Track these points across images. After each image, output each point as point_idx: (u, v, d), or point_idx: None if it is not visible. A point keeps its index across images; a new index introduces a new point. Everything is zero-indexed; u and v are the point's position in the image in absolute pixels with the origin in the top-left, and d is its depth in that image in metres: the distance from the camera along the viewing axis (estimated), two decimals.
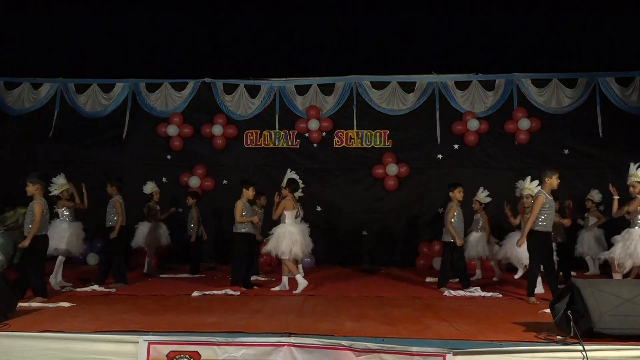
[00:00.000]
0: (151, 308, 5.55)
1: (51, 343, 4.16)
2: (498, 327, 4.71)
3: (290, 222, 6.93)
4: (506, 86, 10.28)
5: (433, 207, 10.25)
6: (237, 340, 4.13)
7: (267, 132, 10.70)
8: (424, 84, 10.45)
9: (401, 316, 5.21)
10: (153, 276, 8.37)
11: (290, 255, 6.82)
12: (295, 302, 6.02)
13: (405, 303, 6.04)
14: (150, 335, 4.23)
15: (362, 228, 10.43)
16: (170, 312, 5.30)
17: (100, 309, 5.44)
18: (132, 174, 10.48)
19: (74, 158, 10.57)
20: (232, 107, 10.74)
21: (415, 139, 10.48)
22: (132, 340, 4.13)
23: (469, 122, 10.10)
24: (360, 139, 10.55)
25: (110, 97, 10.79)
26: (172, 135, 10.59)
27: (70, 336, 4.23)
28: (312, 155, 10.63)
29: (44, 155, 10.59)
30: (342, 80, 10.61)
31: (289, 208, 6.90)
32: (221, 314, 5.20)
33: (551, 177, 6.11)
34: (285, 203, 6.94)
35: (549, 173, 6.14)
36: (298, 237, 6.85)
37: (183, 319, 4.91)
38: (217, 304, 5.88)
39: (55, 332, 4.30)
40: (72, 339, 4.20)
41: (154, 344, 4.07)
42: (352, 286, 7.46)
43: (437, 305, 5.92)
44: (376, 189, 10.50)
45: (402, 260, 10.20)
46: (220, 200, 10.62)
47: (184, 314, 5.16)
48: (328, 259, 10.14)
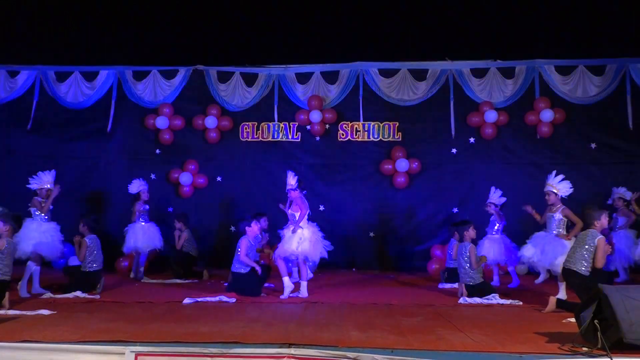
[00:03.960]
0: (139, 316, 5.56)
1: (30, 354, 4.18)
2: (518, 337, 4.70)
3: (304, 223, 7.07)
4: (527, 74, 10.25)
5: (447, 206, 10.24)
6: (232, 351, 4.13)
7: (265, 124, 10.69)
8: (437, 71, 10.42)
9: (412, 326, 5.21)
10: (141, 281, 8.38)
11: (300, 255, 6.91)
12: (296, 310, 6.03)
13: (416, 311, 6.04)
14: (138, 345, 4.24)
15: (369, 229, 10.43)
16: (159, 320, 5.31)
17: (83, 317, 5.45)
18: (118, 170, 10.53)
19: (54, 152, 10.57)
20: (227, 97, 10.74)
21: (427, 132, 10.46)
22: (118, 351, 4.14)
23: (487, 113, 10.08)
24: (367, 131, 10.53)
25: (94, 86, 10.79)
26: (161, 127, 10.59)
27: (50, 347, 4.24)
28: (315, 150, 10.62)
29: (22, 150, 10.61)
30: (347, 68, 10.59)
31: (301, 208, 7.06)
32: (215, 322, 5.21)
33: (600, 219, 6.06)
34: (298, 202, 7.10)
35: (596, 215, 6.07)
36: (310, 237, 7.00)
37: (173, 328, 4.92)
38: (211, 311, 5.89)
39: (35, 342, 4.31)
40: (53, 349, 4.21)
41: (141, 355, 4.08)
42: (358, 293, 7.45)
43: (451, 313, 5.91)
44: (384, 187, 10.48)
45: (413, 265, 10.19)
46: (214, 199, 10.64)
47: (175, 323, 5.17)
48: (332, 263, 10.07)
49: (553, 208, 7.01)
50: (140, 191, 8.83)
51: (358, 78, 10.55)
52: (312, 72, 10.67)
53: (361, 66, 10.54)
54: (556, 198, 7.01)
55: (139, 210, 8.77)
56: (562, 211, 6.94)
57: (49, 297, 6.70)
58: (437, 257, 9.56)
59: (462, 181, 10.28)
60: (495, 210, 8.25)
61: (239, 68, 10.79)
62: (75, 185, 10.28)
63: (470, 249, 6.93)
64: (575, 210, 6.95)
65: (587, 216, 6.15)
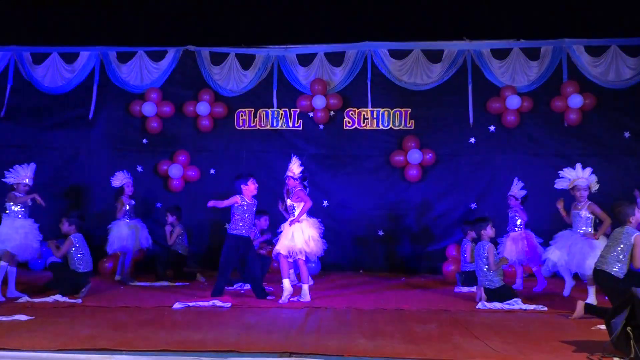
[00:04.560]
0: (125, 322, 5.58)
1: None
2: (542, 346, 4.71)
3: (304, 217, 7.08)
4: (554, 55, 10.20)
5: (464, 201, 10.24)
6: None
7: (263, 111, 10.69)
8: (454, 52, 10.39)
9: (425, 333, 5.22)
10: (127, 284, 8.42)
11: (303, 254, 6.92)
12: (297, 316, 6.04)
13: (430, 317, 6.05)
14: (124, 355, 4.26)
15: (377, 227, 10.44)
16: (147, 327, 5.33)
17: (63, 323, 5.48)
18: (101, 162, 10.55)
19: (31, 142, 10.61)
20: (221, 81, 10.73)
21: (442, 120, 10.44)
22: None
23: (509, 98, 10.04)
24: (376, 119, 10.52)
25: (74, 69, 10.79)
26: (148, 115, 10.60)
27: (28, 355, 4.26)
28: (318, 139, 10.62)
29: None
30: (353, 48, 10.57)
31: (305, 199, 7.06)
32: (209, 329, 5.23)
33: (635, 214, 6.03)
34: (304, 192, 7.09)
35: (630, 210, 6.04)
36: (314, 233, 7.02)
37: (163, 335, 4.94)
38: (204, 317, 5.91)
39: (11, 351, 4.33)
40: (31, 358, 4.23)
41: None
42: (365, 297, 7.46)
43: (469, 320, 5.92)
44: (395, 180, 10.48)
45: (427, 266, 10.21)
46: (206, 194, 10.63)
47: (164, 330, 5.19)
48: (336, 264, 10.16)
49: (579, 205, 6.98)
50: (124, 185, 8.83)
51: (366, 60, 10.52)
52: (315, 53, 10.64)
53: (369, 46, 10.50)
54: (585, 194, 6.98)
55: (123, 205, 8.78)
56: (588, 207, 6.91)
57: (26, 301, 6.72)
58: (453, 257, 9.55)
59: (481, 174, 10.27)
60: (516, 204, 8.23)
61: (234, 49, 10.77)
62: (53, 178, 10.32)
63: (488, 248, 6.92)
64: (607, 205, 6.92)
65: (619, 213, 6.13)
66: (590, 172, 7.02)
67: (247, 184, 7.22)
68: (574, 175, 7.07)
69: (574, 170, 7.12)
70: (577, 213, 6.99)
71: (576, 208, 7.01)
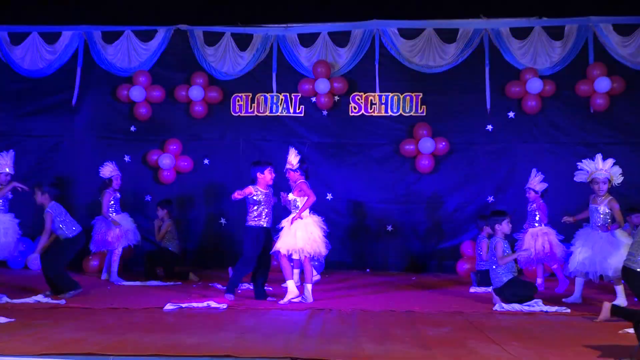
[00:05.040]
0: (112, 325, 5.60)
1: None
2: (565, 350, 4.72)
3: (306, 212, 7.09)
4: (579, 34, 10.15)
5: (480, 194, 10.24)
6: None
7: (262, 95, 10.67)
8: (470, 31, 10.35)
9: (438, 337, 5.23)
10: (114, 284, 8.45)
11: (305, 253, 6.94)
12: (299, 319, 6.06)
13: (443, 320, 6.06)
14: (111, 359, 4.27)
15: (385, 222, 10.45)
16: (136, 330, 5.35)
17: (46, 325, 5.50)
18: (85, 151, 10.55)
19: (9, 130, 10.64)
20: (216, 63, 10.72)
21: (457, 105, 10.42)
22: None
23: (529, 82, 10.01)
24: (385, 104, 10.50)
25: (56, 50, 10.79)
26: (136, 100, 10.60)
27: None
28: (321, 127, 10.62)
29: None
30: (360, 27, 10.53)
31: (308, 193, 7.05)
32: (203, 333, 5.25)
33: None
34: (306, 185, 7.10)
35: None
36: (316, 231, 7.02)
37: (153, 339, 4.95)
38: (198, 320, 5.93)
39: None
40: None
41: None
42: (372, 297, 7.48)
43: (485, 323, 5.93)
44: (405, 171, 10.48)
45: (439, 264, 10.24)
46: (200, 186, 10.66)
47: (155, 333, 5.21)
48: (341, 263, 10.18)
49: (597, 199, 6.92)
50: (113, 177, 8.84)
51: (373, 40, 10.49)
52: (318, 32, 10.61)
53: (377, 25, 10.47)
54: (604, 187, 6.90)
55: (109, 199, 8.78)
56: (609, 203, 6.85)
57: (6, 302, 6.75)
58: (468, 255, 9.56)
59: (499, 164, 10.26)
60: (536, 198, 8.22)
61: (230, 28, 10.74)
62: (33, 169, 10.35)
63: (495, 242, 6.93)
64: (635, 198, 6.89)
65: None
66: (611, 164, 6.94)
67: (263, 172, 7.21)
68: (593, 167, 7.02)
69: (593, 161, 7.06)
70: (595, 208, 6.91)
71: (594, 202, 6.93)
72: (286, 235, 7.01)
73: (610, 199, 6.86)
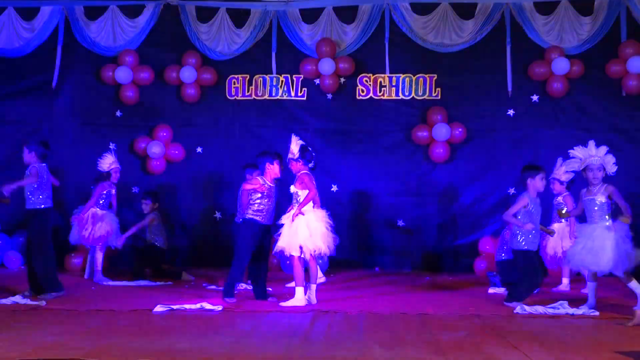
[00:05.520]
0: (97, 328, 5.63)
1: None
2: (593, 357, 4.71)
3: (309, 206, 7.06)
4: (610, 9, 10.10)
5: (500, 185, 10.24)
6: None
7: (260, 77, 10.67)
8: (489, 5, 10.31)
9: (453, 342, 5.24)
10: (99, 284, 8.48)
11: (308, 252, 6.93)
12: (302, 322, 6.07)
13: (458, 323, 6.06)
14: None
15: (396, 217, 10.47)
16: (122, 334, 5.38)
17: (24, 328, 5.52)
18: (66, 138, 10.56)
19: None
20: (210, 42, 10.70)
21: (475, 88, 10.41)
22: None
23: (555, 61, 9.98)
24: (395, 86, 10.48)
25: (34, 27, 10.77)
26: (122, 82, 10.59)
27: None
28: (325, 111, 10.62)
29: None
30: (368, 2, 10.50)
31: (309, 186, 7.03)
32: (196, 337, 5.26)
33: None
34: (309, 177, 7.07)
35: None
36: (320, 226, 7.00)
37: (141, 344, 4.98)
38: (191, 323, 5.94)
39: None
40: None
41: None
42: (382, 299, 7.49)
43: (505, 326, 5.93)
44: (418, 160, 10.50)
45: (455, 263, 10.26)
46: (192, 177, 10.67)
47: (143, 337, 5.23)
48: (347, 261, 10.18)
49: (592, 189, 6.86)
50: (112, 171, 8.84)
51: (383, 16, 10.46)
52: (322, 7, 10.59)
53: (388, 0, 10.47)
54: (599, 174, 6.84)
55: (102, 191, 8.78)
56: (605, 190, 6.76)
57: None
58: (486, 253, 9.56)
59: (521, 153, 10.22)
60: (561, 189, 8.20)
61: (225, 2, 10.72)
62: (9, 158, 10.32)
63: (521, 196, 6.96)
64: None
65: None
66: (606, 151, 6.92)
67: (273, 163, 7.20)
68: (587, 153, 6.99)
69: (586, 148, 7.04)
70: (590, 200, 6.83)
71: (589, 194, 6.86)
72: (287, 232, 7.00)
73: (606, 186, 6.76)
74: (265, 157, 7.27)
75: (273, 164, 7.20)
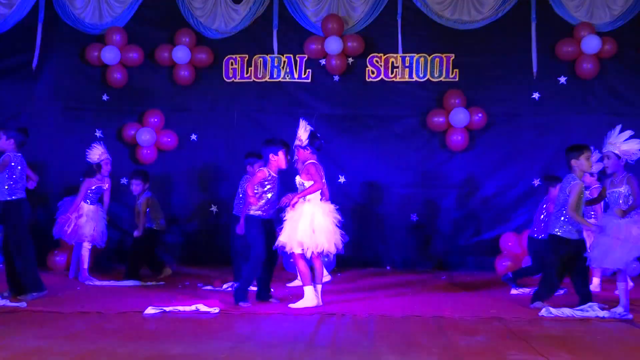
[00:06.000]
0: (82, 332, 5.64)
1: None
2: None
3: (316, 197, 7.05)
4: None
5: (524, 176, 10.25)
6: None
7: (260, 57, 10.66)
8: None
9: (472, 347, 5.24)
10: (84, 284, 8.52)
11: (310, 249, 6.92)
12: (306, 325, 6.08)
13: (478, 327, 6.06)
14: None
15: (409, 211, 10.48)
16: (110, 338, 5.39)
17: (5, 332, 5.53)
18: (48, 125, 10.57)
19: None
20: (205, 19, 10.69)
21: (496, 69, 10.40)
22: None
23: (585, 39, 9.95)
24: (409, 67, 10.47)
25: (12, 3, 10.77)
26: (109, 63, 10.60)
27: None
28: (332, 95, 10.62)
29: None
30: None
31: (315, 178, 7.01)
32: (191, 342, 5.27)
33: None
34: (315, 167, 7.05)
35: None
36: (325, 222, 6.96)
37: (131, 349, 4.99)
38: (185, 326, 5.95)
39: None
40: None
41: None
42: (394, 300, 7.49)
43: (529, 330, 5.92)
44: (433, 149, 10.51)
45: (475, 261, 10.27)
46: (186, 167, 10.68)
47: (133, 342, 5.24)
48: (356, 259, 10.19)
49: (616, 180, 6.82)
50: (102, 162, 8.85)
51: None
52: None
53: None
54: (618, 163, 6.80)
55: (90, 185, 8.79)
56: (627, 181, 6.74)
57: None
58: (509, 250, 9.56)
59: (547, 140, 10.24)
60: (592, 181, 8.18)
61: None
62: None
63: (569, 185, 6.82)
64: None
65: None
66: (629, 136, 6.87)
67: (277, 154, 7.17)
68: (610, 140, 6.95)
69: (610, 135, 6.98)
70: (615, 192, 6.79)
71: (613, 185, 6.83)
72: (289, 226, 6.99)
73: (628, 177, 6.71)
74: (270, 146, 7.21)
75: (278, 155, 7.16)
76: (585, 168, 6.99)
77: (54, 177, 10.19)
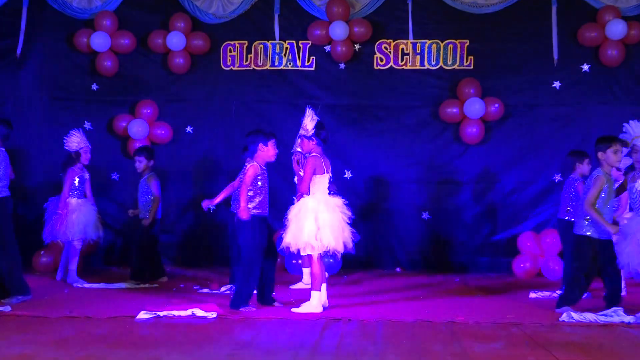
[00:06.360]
0: (71, 338, 5.65)
1: None
2: None
3: (322, 192, 7.02)
4: None
5: (544, 171, 10.25)
6: None
7: (260, 44, 10.67)
8: None
9: (488, 354, 5.24)
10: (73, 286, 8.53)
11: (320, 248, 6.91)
12: (309, 331, 6.09)
13: (494, 333, 6.07)
14: None
15: (421, 208, 10.49)
16: (100, 344, 5.40)
17: None
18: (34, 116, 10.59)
19: None
20: (201, 2, 10.69)
21: (514, 56, 10.41)
22: None
23: (610, 24, 9.93)
24: (420, 54, 10.47)
25: None
26: (99, 49, 10.61)
27: None
28: (337, 84, 10.63)
29: None
30: None
31: (319, 171, 6.98)
32: (187, 348, 5.28)
33: None
34: (314, 162, 7.01)
35: None
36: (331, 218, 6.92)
37: (122, 356, 5.00)
38: (180, 332, 5.97)
39: None
40: None
41: None
42: (403, 304, 7.51)
43: (549, 336, 5.92)
44: (446, 142, 10.52)
45: (490, 262, 10.28)
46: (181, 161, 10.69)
47: (124, 348, 5.25)
48: (363, 260, 10.20)
49: (637, 174, 6.79)
50: (81, 150, 8.85)
51: None
52: None
53: None
54: None
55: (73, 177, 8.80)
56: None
57: None
58: (527, 251, 9.55)
59: (569, 132, 10.25)
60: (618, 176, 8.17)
61: None
62: None
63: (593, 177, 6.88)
64: None
65: None
66: None
67: (267, 144, 7.12)
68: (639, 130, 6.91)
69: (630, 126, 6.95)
70: (633, 187, 6.77)
71: (633, 180, 6.81)
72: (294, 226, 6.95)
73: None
74: (257, 137, 7.14)
75: (268, 145, 7.12)
76: (612, 162, 6.94)
77: (39, 172, 10.22)
